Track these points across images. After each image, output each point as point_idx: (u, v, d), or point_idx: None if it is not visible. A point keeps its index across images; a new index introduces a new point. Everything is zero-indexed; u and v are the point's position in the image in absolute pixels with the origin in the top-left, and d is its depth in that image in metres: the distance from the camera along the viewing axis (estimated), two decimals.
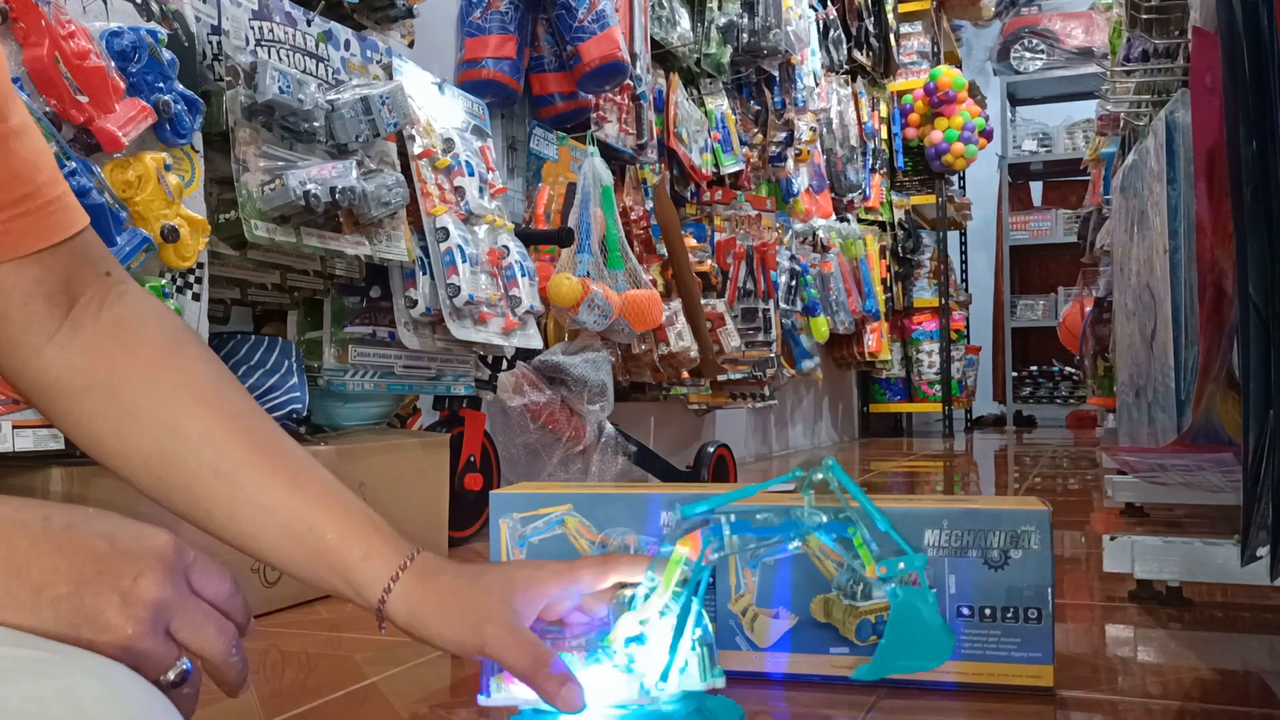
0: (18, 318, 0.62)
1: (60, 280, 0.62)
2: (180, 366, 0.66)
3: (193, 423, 0.65)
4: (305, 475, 0.68)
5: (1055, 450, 3.94)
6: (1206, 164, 1.27)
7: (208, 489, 0.65)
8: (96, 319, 0.64)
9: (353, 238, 1.37)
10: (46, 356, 0.63)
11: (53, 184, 0.61)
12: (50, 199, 0.61)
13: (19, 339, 0.63)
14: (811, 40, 3.86)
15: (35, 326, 0.62)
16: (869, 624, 0.91)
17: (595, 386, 2.07)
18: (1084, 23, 6.17)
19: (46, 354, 0.63)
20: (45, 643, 0.43)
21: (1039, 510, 0.88)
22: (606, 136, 2.44)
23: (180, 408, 0.65)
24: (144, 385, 0.64)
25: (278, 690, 0.94)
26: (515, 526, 1.07)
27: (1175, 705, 0.86)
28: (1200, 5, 1.48)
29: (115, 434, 0.65)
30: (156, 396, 0.64)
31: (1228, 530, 1.50)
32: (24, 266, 0.61)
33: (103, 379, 0.64)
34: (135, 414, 0.64)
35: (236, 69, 1.22)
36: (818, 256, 4.01)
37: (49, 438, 0.96)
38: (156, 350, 0.66)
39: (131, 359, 0.65)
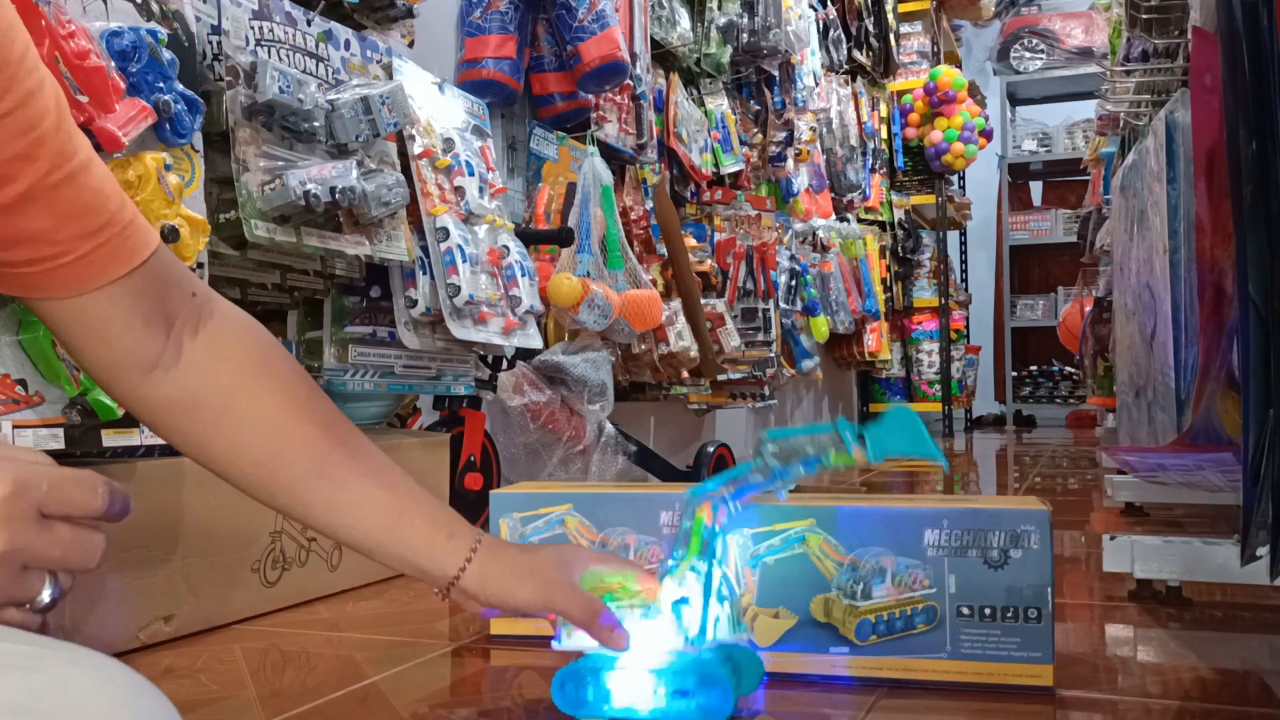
0: (121, 344, 0.68)
1: (153, 304, 0.69)
2: (278, 376, 0.75)
3: (297, 431, 0.75)
4: (390, 473, 0.80)
5: (1055, 450, 3.94)
6: (1206, 164, 1.27)
7: (311, 489, 0.76)
8: (194, 339, 0.72)
9: (353, 238, 1.37)
10: (155, 379, 0.70)
11: (123, 208, 0.66)
12: (125, 224, 0.66)
13: (125, 364, 0.70)
14: (811, 40, 3.86)
15: (139, 351, 0.69)
16: (869, 623, 0.91)
17: (595, 386, 2.07)
18: (1084, 23, 6.17)
19: (154, 377, 0.70)
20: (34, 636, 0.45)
21: (1038, 510, 0.89)
22: (606, 136, 2.44)
23: (285, 417, 0.75)
24: (250, 399, 0.73)
25: (278, 690, 0.94)
26: (515, 526, 1.07)
27: (1175, 705, 0.86)
28: (1200, 5, 1.48)
29: (228, 444, 0.74)
30: (264, 409, 0.74)
31: (1228, 530, 1.50)
32: (116, 294, 0.67)
33: (211, 396, 0.72)
34: (245, 426, 0.73)
35: (236, 69, 1.22)
36: (818, 256, 4.01)
37: (49, 438, 0.96)
38: (255, 364, 0.75)
39: (234, 375, 0.73)
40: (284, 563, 1.26)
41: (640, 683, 0.79)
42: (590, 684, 0.80)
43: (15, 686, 0.39)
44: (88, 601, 1.02)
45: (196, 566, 1.14)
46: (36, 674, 0.40)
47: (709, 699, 0.78)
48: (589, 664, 0.80)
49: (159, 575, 1.09)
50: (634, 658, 0.79)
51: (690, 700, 0.78)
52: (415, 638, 1.12)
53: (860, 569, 0.91)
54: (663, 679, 0.79)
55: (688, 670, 0.79)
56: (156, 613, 1.09)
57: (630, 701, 0.79)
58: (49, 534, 0.51)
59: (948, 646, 0.89)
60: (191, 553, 1.13)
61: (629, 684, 0.79)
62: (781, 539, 0.93)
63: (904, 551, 0.91)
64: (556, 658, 1.01)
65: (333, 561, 1.34)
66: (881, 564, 0.91)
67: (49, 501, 0.51)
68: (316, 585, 1.32)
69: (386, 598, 1.34)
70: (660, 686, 0.79)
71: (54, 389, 0.96)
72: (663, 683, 0.79)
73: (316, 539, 1.31)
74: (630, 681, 0.79)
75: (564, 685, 0.80)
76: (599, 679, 0.80)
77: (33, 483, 0.50)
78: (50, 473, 0.52)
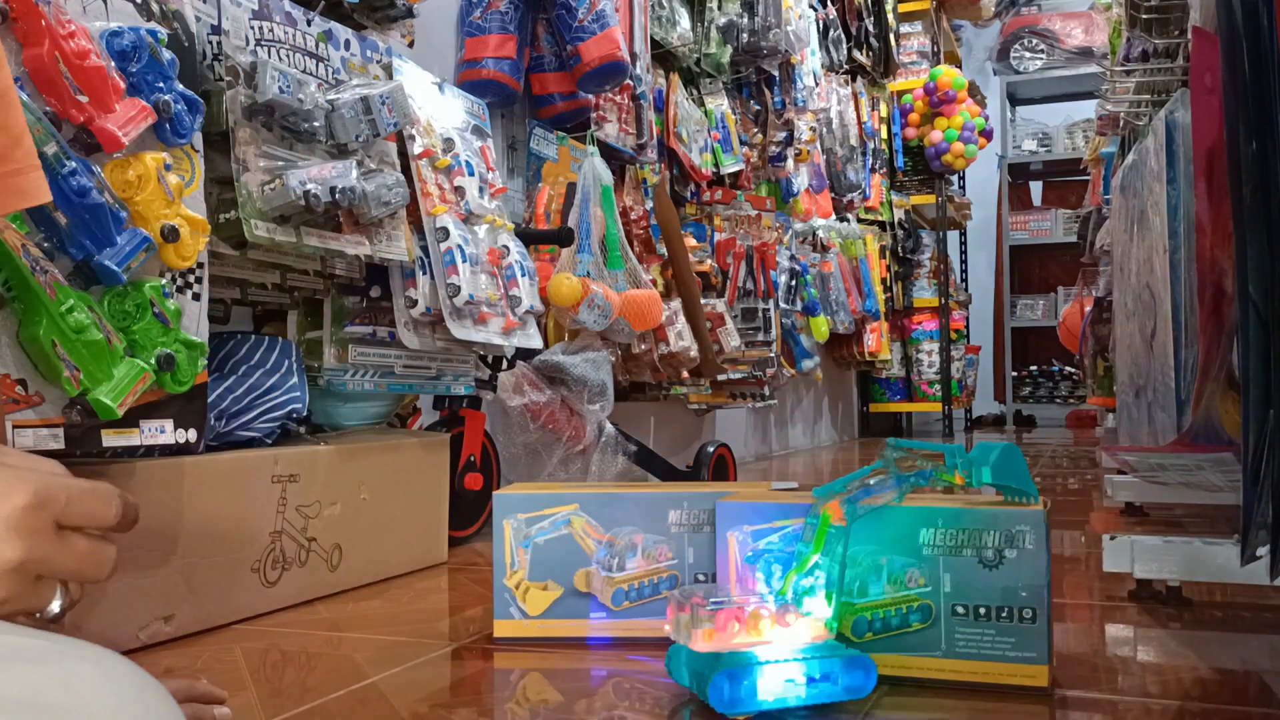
0: None
1: None
2: None
3: None
4: None
5: (1055, 450, 3.94)
6: (1206, 164, 1.27)
7: None
8: None
9: (353, 238, 1.37)
10: None
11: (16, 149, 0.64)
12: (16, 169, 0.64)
13: None
14: (811, 40, 3.86)
15: None
16: (864, 620, 0.91)
17: (595, 386, 2.07)
18: (1084, 23, 6.17)
19: None
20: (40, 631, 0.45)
21: (1033, 510, 0.89)
22: (606, 136, 2.44)
23: None
24: None
25: (278, 690, 0.94)
26: (520, 527, 1.07)
27: (1175, 705, 0.86)
28: (1200, 5, 1.48)
29: None
30: None
31: (1227, 530, 1.50)
32: None
33: None
34: None
35: (236, 69, 1.22)
36: (818, 256, 4.01)
37: (49, 438, 0.96)
38: None
39: None
40: (284, 563, 1.26)
41: (787, 674, 0.82)
42: (743, 681, 0.81)
43: (22, 680, 0.40)
44: (88, 602, 1.02)
45: (196, 566, 1.14)
46: (43, 668, 0.41)
47: (853, 679, 0.84)
48: (734, 662, 0.82)
49: (159, 575, 1.09)
50: (774, 651, 0.83)
51: (836, 684, 0.83)
52: (415, 638, 1.12)
53: (856, 567, 0.91)
54: (808, 666, 0.83)
55: (828, 656, 0.84)
56: (156, 613, 1.09)
57: (780, 693, 0.82)
58: (65, 546, 0.52)
59: (942, 645, 0.89)
60: (191, 553, 1.13)
61: (778, 677, 0.82)
62: (780, 536, 0.94)
63: (900, 550, 0.91)
64: (556, 659, 1.01)
65: (333, 561, 1.34)
66: (877, 562, 0.91)
67: (67, 514, 0.52)
68: (316, 585, 1.32)
69: (386, 598, 1.34)
70: (807, 674, 0.83)
71: (54, 389, 0.96)
72: (809, 669, 0.83)
73: (316, 539, 1.31)
74: (778, 674, 0.82)
75: (718, 686, 0.81)
76: (750, 675, 0.81)
77: (53, 495, 0.51)
78: (69, 484, 0.52)
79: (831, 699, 0.83)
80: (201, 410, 1.13)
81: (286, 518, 1.26)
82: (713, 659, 0.82)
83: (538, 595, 1.07)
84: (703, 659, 0.83)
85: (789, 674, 0.82)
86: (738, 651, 0.83)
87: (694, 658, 0.85)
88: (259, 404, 1.28)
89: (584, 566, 1.06)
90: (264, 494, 1.24)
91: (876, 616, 0.91)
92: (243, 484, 1.21)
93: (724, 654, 0.83)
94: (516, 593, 1.07)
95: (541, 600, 1.07)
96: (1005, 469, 0.90)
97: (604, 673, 0.97)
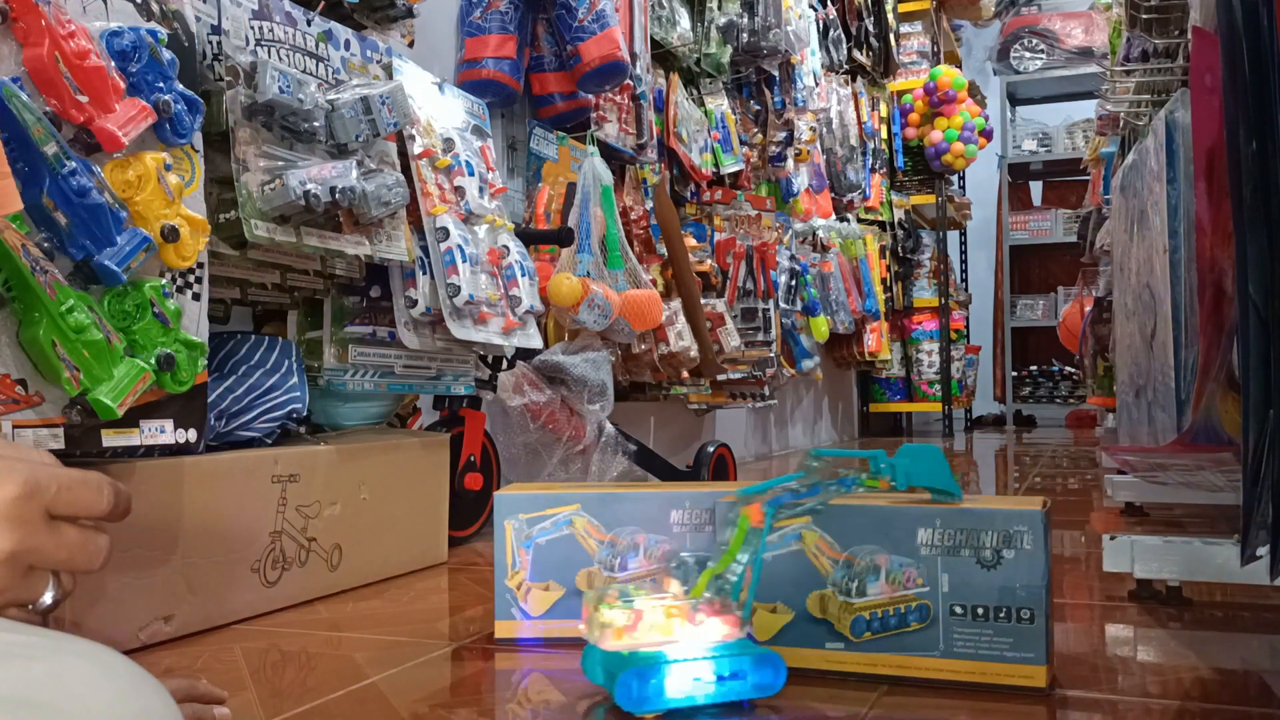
0: None
1: None
2: None
3: None
4: None
5: (1055, 450, 3.94)
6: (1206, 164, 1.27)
7: None
8: None
9: (353, 238, 1.37)
10: None
11: None
12: None
13: None
14: (811, 40, 3.86)
15: None
16: (863, 620, 0.91)
17: (595, 386, 2.07)
18: (1084, 23, 6.17)
19: None
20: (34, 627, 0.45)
21: (1031, 510, 0.88)
22: (606, 136, 2.44)
23: None
24: None
25: (278, 690, 0.94)
26: (521, 527, 1.07)
27: (1175, 705, 0.86)
28: (1200, 5, 1.48)
29: None
30: None
31: (1228, 530, 1.50)
32: None
33: None
34: None
35: (236, 69, 1.22)
36: (818, 256, 4.01)
37: (49, 438, 0.96)
38: None
39: None
40: (284, 563, 1.26)
41: (696, 672, 0.83)
42: (650, 679, 0.82)
43: (16, 676, 0.39)
44: (88, 601, 1.02)
45: (196, 566, 1.14)
46: (37, 664, 0.40)
47: (762, 676, 0.84)
48: (642, 660, 0.82)
49: (159, 575, 1.09)
50: (683, 649, 0.83)
51: (746, 681, 0.84)
52: (415, 638, 1.12)
53: (855, 566, 0.92)
54: (717, 664, 0.83)
55: (738, 654, 0.84)
56: (156, 613, 1.09)
57: (689, 691, 0.83)
58: (57, 536, 0.51)
59: (941, 645, 0.89)
60: (191, 553, 1.13)
61: (686, 675, 0.82)
62: (779, 535, 0.94)
63: (898, 550, 0.91)
64: (562, 659, 1.01)
65: (333, 561, 1.34)
66: (875, 562, 0.91)
67: (58, 503, 0.52)
68: (316, 585, 1.32)
69: (386, 598, 1.34)
70: (716, 672, 0.83)
71: (54, 389, 0.96)
72: (718, 668, 0.83)
73: (316, 539, 1.31)
74: (687, 672, 0.83)
75: (626, 684, 0.81)
76: (658, 673, 0.82)
77: (43, 484, 0.51)
78: (59, 474, 0.52)
79: (740, 696, 0.84)
80: (201, 410, 1.13)
81: (286, 518, 1.26)
82: (623, 658, 0.83)
83: (539, 596, 1.07)
84: (613, 658, 0.84)
85: (698, 672, 0.83)
86: (647, 650, 0.83)
87: (606, 657, 0.85)
88: (259, 404, 1.28)
89: (586, 567, 1.06)
90: (264, 494, 1.24)
91: (875, 616, 0.91)
92: (243, 484, 1.21)
93: (634, 653, 0.83)
94: (518, 593, 1.07)
95: (543, 601, 1.07)
96: (927, 471, 0.92)
97: None
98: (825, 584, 0.92)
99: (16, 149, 0.93)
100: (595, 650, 0.87)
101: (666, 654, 0.83)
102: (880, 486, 0.93)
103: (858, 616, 0.91)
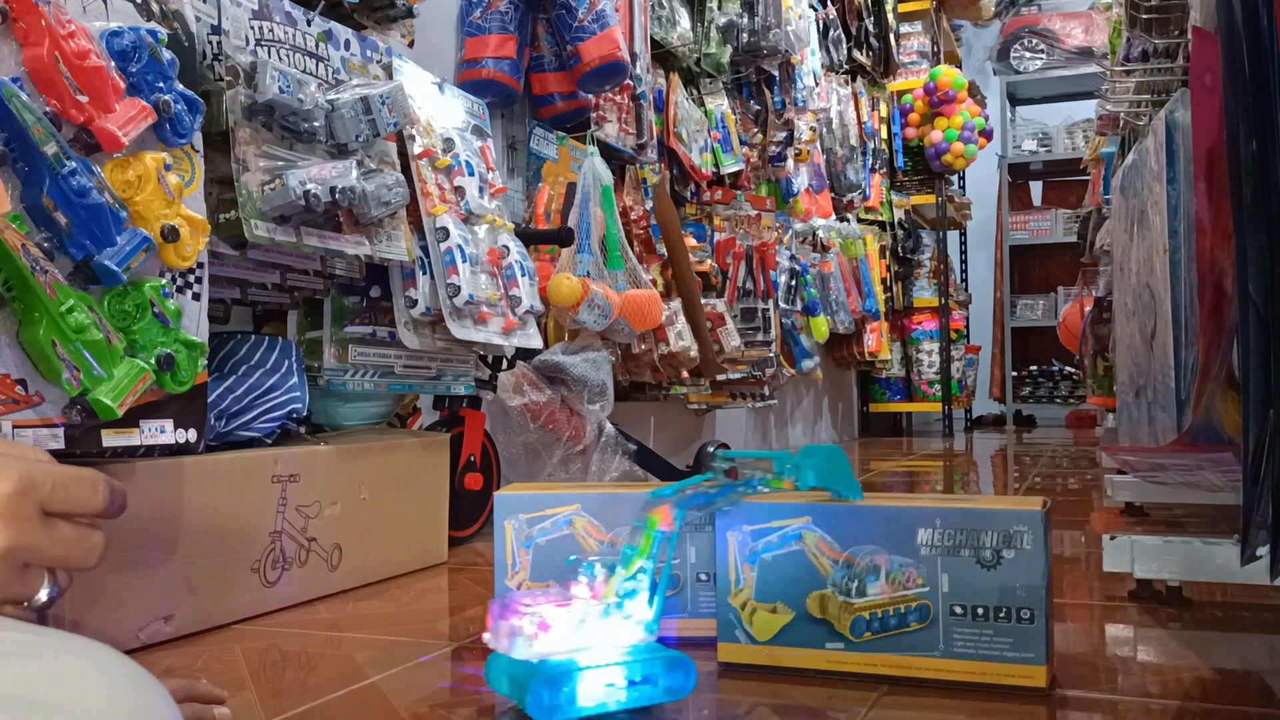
0: None
1: None
2: None
3: None
4: None
5: (1055, 450, 3.94)
6: (1206, 164, 1.27)
7: None
8: None
9: (353, 238, 1.37)
10: None
11: None
12: None
13: None
14: (811, 40, 3.86)
15: None
16: (863, 620, 0.91)
17: (595, 386, 2.07)
18: (1084, 22, 6.17)
19: None
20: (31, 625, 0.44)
21: (1031, 510, 0.88)
22: (606, 136, 2.44)
23: None
24: None
25: (278, 690, 0.94)
26: (521, 528, 1.07)
27: (1175, 705, 0.86)
28: (1200, 5, 1.48)
29: None
30: None
31: (1228, 530, 1.50)
32: None
33: None
34: None
35: (236, 69, 1.22)
36: (818, 256, 4.01)
37: (49, 438, 0.96)
38: None
39: None
40: (284, 563, 1.26)
41: (608, 678, 0.81)
42: (562, 687, 0.79)
43: (13, 675, 0.39)
44: (88, 601, 1.02)
45: (196, 566, 1.14)
46: (34, 662, 0.40)
47: (673, 680, 0.83)
48: (553, 669, 0.80)
49: (159, 575, 1.09)
50: (594, 656, 0.81)
51: (657, 685, 0.83)
52: (415, 638, 1.12)
53: (855, 566, 0.92)
54: (629, 669, 0.82)
55: (649, 658, 0.83)
56: (156, 613, 1.09)
57: (601, 697, 0.81)
58: (52, 532, 0.51)
59: (941, 645, 0.89)
60: (191, 553, 1.13)
61: (598, 682, 0.81)
62: (779, 535, 0.94)
63: (898, 550, 0.91)
64: None
65: (333, 561, 1.34)
66: (875, 562, 0.91)
67: (53, 500, 0.51)
68: (316, 585, 1.32)
69: (386, 598, 1.34)
70: (628, 677, 0.82)
71: (54, 389, 0.96)
72: (629, 673, 0.82)
73: (316, 539, 1.31)
74: (599, 679, 0.81)
75: (537, 694, 0.79)
76: (570, 681, 0.80)
77: (38, 480, 0.51)
78: (54, 470, 0.52)
79: (652, 701, 0.83)
80: (201, 410, 1.13)
81: (286, 518, 1.26)
82: (532, 666, 0.81)
83: None
84: (522, 666, 0.81)
85: (609, 678, 0.81)
86: (557, 658, 0.81)
87: (513, 665, 0.82)
88: (259, 404, 1.28)
89: None
90: (264, 494, 1.24)
91: (875, 616, 0.91)
92: (243, 484, 1.21)
93: (543, 661, 0.81)
94: None
95: None
96: (828, 472, 0.93)
97: None
98: (825, 584, 0.92)
99: (16, 149, 0.93)
100: (500, 659, 0.85)
101: (577, 661, 0.81)
102: (785, 487, 0.93)
103: (858, 616, 0.91)
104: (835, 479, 0.93)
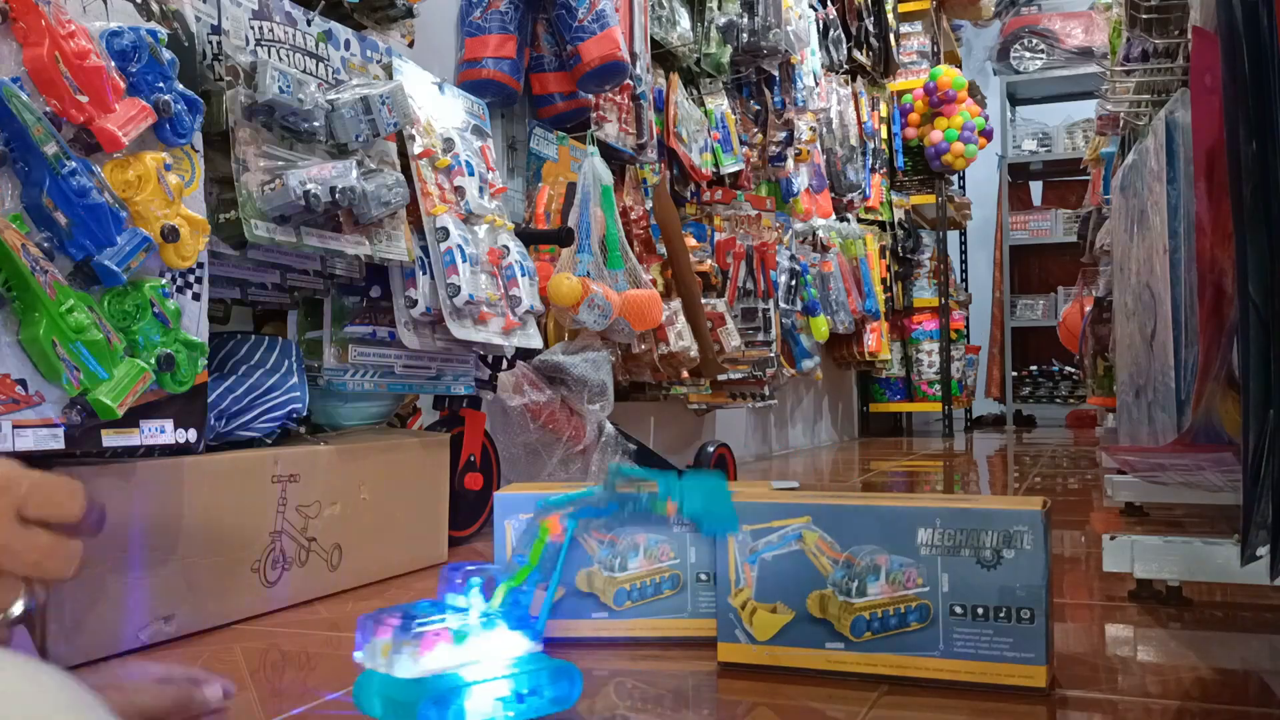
0: None
1: None
2: None
3: None
4: None
5: (1055, 450, 3.94)
6: (1206, 164, 1.27)
7: None
8: None
9: (353, 238, 1.37)
10: None
11: None
12: None
13: None
14: (811, 40, 3.86)
15: None
16: (863, 620, 0.91)
17: (595, 386, 2.07)
18: (1084, 22, 6.17)
19: None
20: None
21: (1031, 510, 0.88)
22: (606, 136, 2.44)
23: None
24: None
25: (278, 690, 0.94)
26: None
27: (1175, 705, 0.86)
28: (1200, 5, 1.48)
29: None
30: None
31: (1228, 530, 1.50)
32: None
33: None
34: None
35: (236, 69, 1.22)
36: (818, 256, 4.01)
37: (49, 438, 0.96)
38: None
39: None
40: (284, 563, 1.26)
41: (496, 692, 0.79)
42: (450, 705, 0.76)
43: None
44: (88, 601, 1.02)
45: (196, 566, 1.14)
46: None
47: (559, 690, 0.82)
48: (440, 685, 0.77)
49: (159, 575, 1.09)
50: (481, 670, 0.79)
51: (543, 696, 0.81)
52: None
53: (855, 566, 0.92)
54: (516, 681, 0.80)
55: (535, 669, 0.81)
56: (156, 613, 1.09)
57: (489, 713, 0.78)
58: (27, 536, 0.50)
59: (940, 645, 0.89)
60: (191, 553, 1.13)
61: (487, 696, 0.78)
62: (779, 535, 0.94)
63: (898, 550, 0.91)
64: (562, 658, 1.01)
65: (333, 561, 1.34)
66: (875, 562, 0.91)
67: (28, 503, 0.50)
68: (316, 585, 1.32)
69: (386, 598, 1.34)
70: (515, 690, 0.80)
71: (54, 389, 0.96)
72: (516, 686, 0.80)
73: (316, 539, 1.31)
74: (487, 693, 0.78)
75: (425, 714, 0.75)
76: (459, 698, 0.76)
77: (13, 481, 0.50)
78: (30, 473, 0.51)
79: (539, 713, 0.81)
80: (201, 410, 1.13)
81: (286, 518, 1.26)
82: (415, 685, 0.76)
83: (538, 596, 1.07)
84: (402, 685, 0.77)
85: (498, 692, 0.78)
86: (443, 674, 0.77)
87: (391, 685, 0.78)
88: (259, 404, 1.28)
89: (587, 567, 1.07)
90: (264, 494, 1.24)
91: (875, 616, 0.91)
92: (243, 484, 1.21)
93: (428, 678, 0.77)
94: None
95: None
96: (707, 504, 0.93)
97: (605, 673, 0.97)
98: (825, 584, 0.92)
99: (16, 149, 0.93)
100: (372, 679, 0.80)
101: (464, 676, 0.78)
102: (668, 512, 0.93)
103: (858, 616, 0.91)
104: (711, 511, 0.93)
